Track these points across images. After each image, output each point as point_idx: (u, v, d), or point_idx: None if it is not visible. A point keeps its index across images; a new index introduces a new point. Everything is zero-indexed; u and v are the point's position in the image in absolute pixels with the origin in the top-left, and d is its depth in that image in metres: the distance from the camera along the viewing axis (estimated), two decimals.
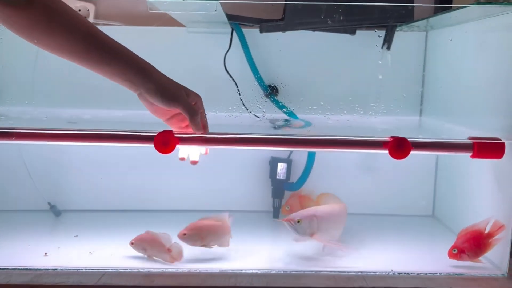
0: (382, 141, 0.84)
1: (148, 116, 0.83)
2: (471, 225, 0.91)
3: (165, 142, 0.81)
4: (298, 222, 0.91)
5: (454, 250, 0.90)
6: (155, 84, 0.77)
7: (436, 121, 1.17)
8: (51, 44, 0.75)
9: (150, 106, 0.81)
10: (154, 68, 0.80)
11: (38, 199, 1.18)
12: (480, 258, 0.91)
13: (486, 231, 0.90)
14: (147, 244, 0.92)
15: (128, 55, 0.78)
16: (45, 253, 0.94)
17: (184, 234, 0.92)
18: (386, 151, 0.83)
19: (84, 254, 0.94)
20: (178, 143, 0.83)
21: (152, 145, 0.81)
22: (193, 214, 0.94)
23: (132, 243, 0.93)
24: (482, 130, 0.90)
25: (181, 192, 1.22)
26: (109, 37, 0.77)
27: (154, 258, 0.92)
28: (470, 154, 0.84)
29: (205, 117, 0.86)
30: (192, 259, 0.93)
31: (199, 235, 0.93)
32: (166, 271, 0.87)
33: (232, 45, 1.17)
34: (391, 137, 0.83)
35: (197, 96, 0.84)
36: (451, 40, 1.02)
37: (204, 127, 0.84)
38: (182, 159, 0.91)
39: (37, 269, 0.87)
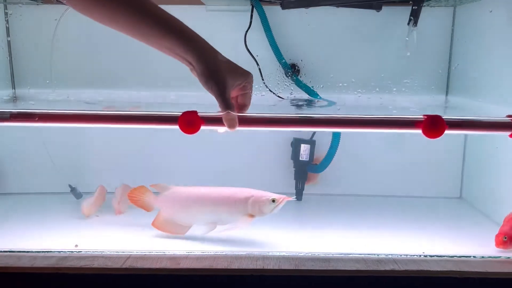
0: (414, 120, 0.80)
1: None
2: None
3: (190, 122, 0.79)
4: None
5: (505, 238, 0.84)
6: (202, 66, 0.74)
7: (464, 100, 1.13)
8: (103, 15, 0.73)
9: None
10: (207, 46, 0.76)
11: (59, 181, 1.17)
12: None
13: None
14: None
15: (181, 30, 0.75)
16: (76, 245, 0.90)
17: None
18: (419, 131, 0.80)
19: (107, 236, 0.94)
20: (203, 124, 0.80)
21: (177, 126, 0.79)
22: None
23: None
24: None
25: (202, 173, 1.20)
26: (163, 10, 0.74)
27: None
28: (509, 133, 0.79)
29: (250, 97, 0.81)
30: (218, 241, 0.92)
31: None
32: (192, 253, 0.86)
33: (252, 23, 1.13)
34: (424, 115, 0.80)
35: (247, 77, 0.79)
36: (491, 11, 0.98)
37: (244, 107, 0.81)
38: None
39: (62, 252, 0.86)
